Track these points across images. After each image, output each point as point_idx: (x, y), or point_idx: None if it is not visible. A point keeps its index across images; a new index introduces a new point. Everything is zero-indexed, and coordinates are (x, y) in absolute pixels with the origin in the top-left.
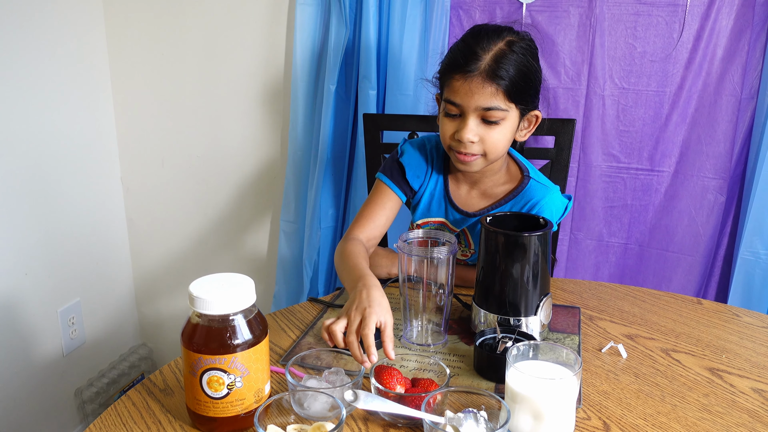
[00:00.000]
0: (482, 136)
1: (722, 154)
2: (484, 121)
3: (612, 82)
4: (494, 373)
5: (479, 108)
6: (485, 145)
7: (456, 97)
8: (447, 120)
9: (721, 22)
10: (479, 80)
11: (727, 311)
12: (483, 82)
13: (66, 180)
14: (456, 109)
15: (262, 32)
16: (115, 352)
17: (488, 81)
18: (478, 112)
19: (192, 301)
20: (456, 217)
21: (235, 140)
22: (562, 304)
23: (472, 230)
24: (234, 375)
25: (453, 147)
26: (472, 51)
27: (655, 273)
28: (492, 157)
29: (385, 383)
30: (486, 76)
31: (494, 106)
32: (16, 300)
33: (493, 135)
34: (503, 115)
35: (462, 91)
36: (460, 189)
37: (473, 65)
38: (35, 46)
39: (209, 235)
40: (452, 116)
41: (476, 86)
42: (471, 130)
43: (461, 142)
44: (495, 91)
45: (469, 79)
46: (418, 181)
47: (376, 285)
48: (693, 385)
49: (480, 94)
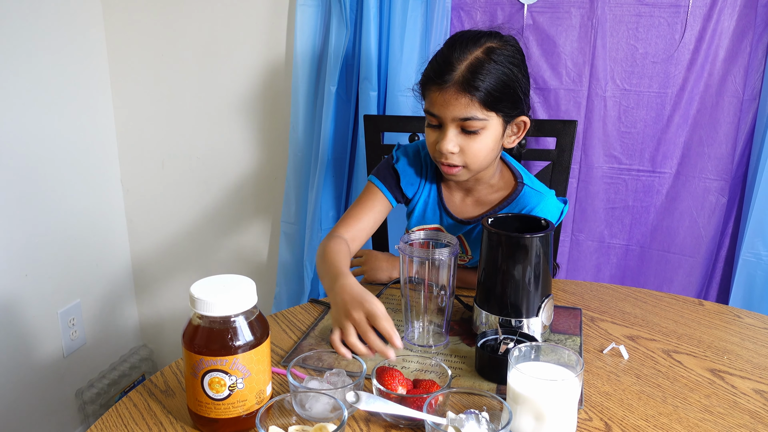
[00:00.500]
0: (462, 146)
1: (724, 156)
2: (463, 131)
3: (613, 84)
4: (496, 374)
5: (456, 119)
6: (465, 156)
7: (433, 108)
8: (430, 131)
9: (724, 23)
10: (453, 91)
11: (729, 312)
12: (457, 93)
13: (66, 182)
14: (435, 120)
15: (262, 33)
16: (116, 353)
17: (462, 92)
18: (456, 122)
19: (193, 302)
20: (450, 224)
21: (235, 142)
22: (564, 305)
23: (468, 237)
24: (235, 376)
25: (437, 158)
26: (447, 61)
27: (656, 274)
28: (474, 167)
29: (386, 384)
30: (460, 87)
31: (471, 116)
32: (17, 301)
33: (473, 145)
34: (482, 125)
35: (438, 102)
36: (454, 197)
37: (447, 76)
38: (34, 48)
39: (210, 237)
40: (434, 127)
41: (450, 97)
42: (450, 141)
43: (443, 153)
44: (470, 102)
45: (443, 90)
46: (412, 189)
47: (354, 281)
48: (694, 387)
49: (455, 105)
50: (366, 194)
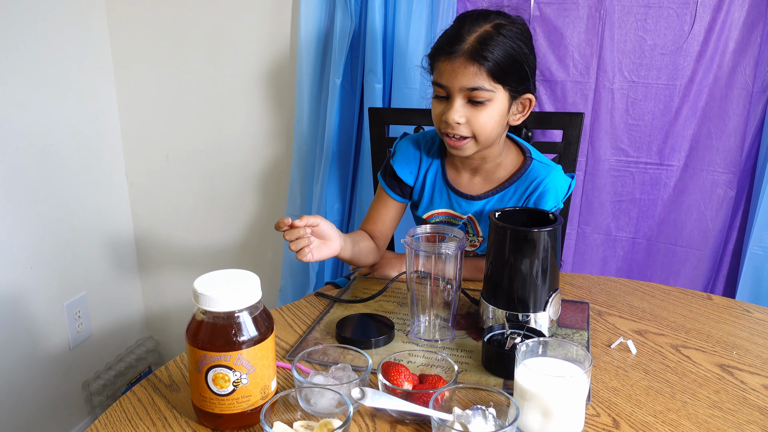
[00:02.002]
0: (469, 117)
1: (732, 148)
2: (470, 102)
3: (621, 76)
4: (503, 369)
5: (464, 88)
6: (473, 127)
7: (441, 78)
8: (436, 103)
9: (734, 14)
10: (462, 60)
11: (738, 307)
12: (466, 62)
13: (71, 175)
14: (443, 90)
15: (267, 25)
16: (122, 345)
17: (471, 61)
18: (464, 92)
19: (197, 298)
20: (460, 203)
21: (240, 134)
22: (571, 299)
23: (479, 217)
24: (240, 372)
25: (442, 129)
26: (456, 33)
27: (663, 267)
28: (482, 139)
29: (392, 380)
30: (469, 56)
31: (478, 86)
32: (23, 294)
33: (480, 116)
34: (489, 96)
35: (446, 71)
36: (462, 177)
37: (456, 46)
38: (38, 41)
39: (214, 229)
40: (441, 98)
41: (459, 66)
42: (457, 111)
43: (449, 124)
44: (478, 71)
45: (452, 60)
46: (411, 177)
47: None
48: (703, 382)
49: (463, 74)
50: (378, 193)
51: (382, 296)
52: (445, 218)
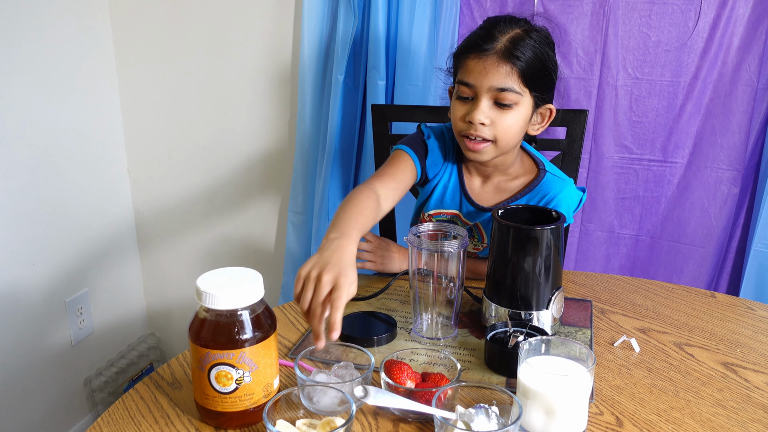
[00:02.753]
0: (494, 119)
1: (736, 145)
2: (496, 104)
3: (625, 72)
4: (505, 368)
5: (493, 88)
6: (496, 130)
7: (470, 77)
8: (458, 103)
9: (738, 10)
10: (494, 59)
11: (741, 305)
12: (498, 60)
13: (73, 171)
14: (469, 90)
15: (269, 22)
16: (124, 341)
17: (504, 60)
18: (492, 93)
19: (199, 295)
20: (470, 210)
21: (242, 131)
22: (574, 297)
23: (486, 224)
24: (242, 370)
25: (463, 131)
26: (488, 33)
27: (666, 265)
28: (503, 144)
29: (395, 378)
30: (501, 55)
31: (508, 87)
32: (24, 291)
33: (505, 119)
34: (516, 99)
35: (476, 70)
36: (473, 183)
37: (490, 44)
38: (41, 38)
39: (216, 226)
40: (464, 99)
41: (491, 65)
42: (483, 112)
43: (472, 125)
44: (510, 71)
45: (484, 58)
46: (434, 169)
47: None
48: (707, 380)
49: (495, 73)
50: (396, 159)
51: (385, 294)
52: (452, 218)
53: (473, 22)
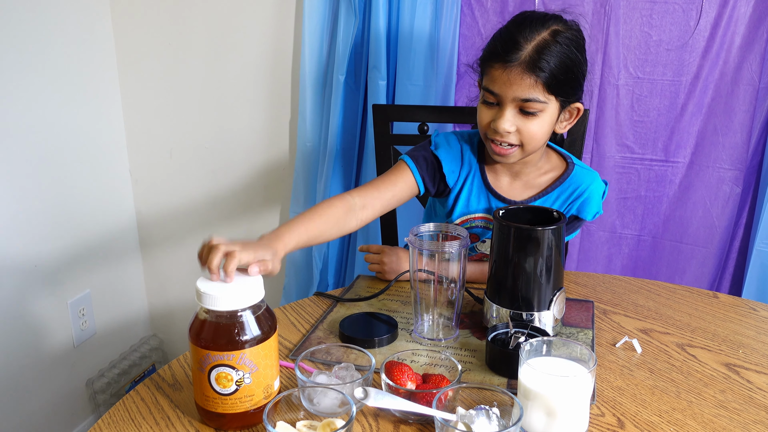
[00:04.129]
0: (519, 126)
1: (738, 145)
2: (521, 112)
3: (626, 72)
4: (506, 369)
5: (517, 99)
6: (522, 136)
7: (494, 86)
8: (484, 108)
9: (740, 9)
10: (519, 71)
11: (744, 305)
12: (522, 72)
13: (74, 172)
14: (493, 98)
15: (271, 22)
16: (126, 343)
17: (528, 72)
18: (516, 102)
19: (199, 296)
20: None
21: (243, 131)
22: (576, 297)
23: None
24: (242, 371)
25: (489, 136)
26: (513, 40)
27: (668, 265)
28: (529, 149)
29: (395, 379)
30: (526, 67)
31: (533, 97)
32: (27, 292)
33: (530, 126)
34: (542, 107)
35: (500, 80)
36: (501, 181)
37: (514, 55)
38: (42, 38)
39: (218, 227)
40: (490, 104)
41: (515, 77)
42: (507, 121)
43: (497, 132)
44: (534, 83)
45: (508, 69)
46: (453, 176)
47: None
48: (709, 381)
49: (519, 85)
50: (393, 170)
51: (386, 295)
52: (482, 223)
53: (474, 21)
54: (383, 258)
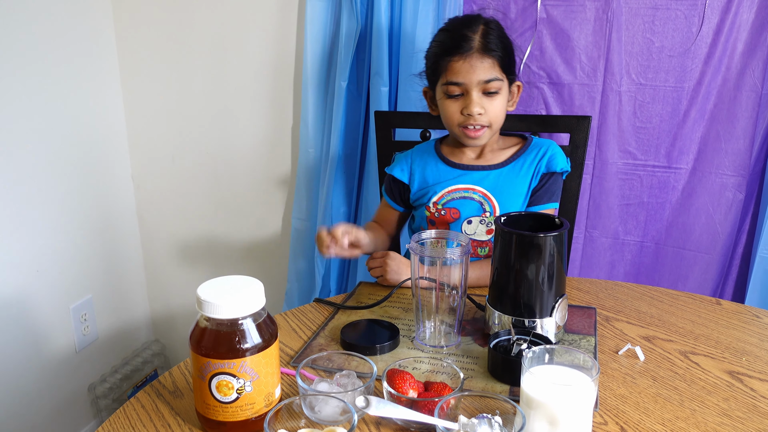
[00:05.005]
0: (486, 107)
1: (741, 151)
2: (485, 94)
3: (629, 78)
4: (509, 376)
5: (481, 82)
6: (490, 116)
7: (458, 76)
8: (450, 102)
9: (742, 15)
10: (477, 56)
11: (747, 312)
12: (480, 57)
13: (77, 178)
14: (458, 88)
15: (273, 28)
16: (128, 348)
17: (485, 55)
18: (480, 86)
19: (200, 305)
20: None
21: (245, 137)
22: (578, 304)
23: (494, 190)
24: (243, 379)
25: (461, 124)
26: (462, 34)
27: (671, 271)
28: (496, 126)
29: (397, 387)
30: (482, 52)
31: (493, 77)
32: (29, 297)
33: (494, 105)
34: (500, 86)
35: (463, 69)
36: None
37: (468, 44)
38: (44, 44)
39: (220, 232)
40: (454, 97)
41: (476, 62)
42: (476, 104)
43: (470, 116)
44: (492, 65)
45: (468, 58)
46: (405, 174)
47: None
48: (712, 389)
49: (480, 68)
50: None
51: (388, 302)
52: (458, 195)
53: None
54: (386, 260)
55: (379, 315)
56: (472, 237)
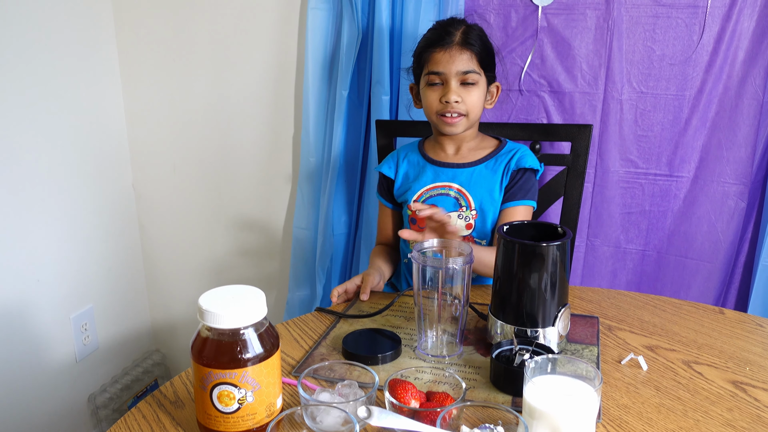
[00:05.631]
0: (463, 96)
1: (743, 159)
2: (463, 85)
3: (630, 86)
4: (511, 386)
5: (459, 72)
6: (467, 105)
7: (438, 66)
8: (431, 90)
9: (743, 24)
10: (457, 48)
11: (750, 321)
12: (460, 49)
13: (78, 187)
14: (438, 78)
15: (274, 37)
16: (128, 357)
17: (464, 48)
18: (459, 76)
19: (201, 314)
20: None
21: (246, 146)
22: (581, 313)
23: (469, 185)
24: (245, 389)
25: (440, 111)
26: (445, 30)
27: (673, 280)
28: (472, 116)
29: (399, 397)
30: (461, 45)
31: (471, 69)
32: (29, 307)
33: (471, 95)
34: (477, 78)
35: (443, 60)
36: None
37: (449, 38)
38: (46, 53)
39: (221, 242)
40: (435, 85)
41: (455, 53)
42: (454, 92)
43: (448, 104)
44: (470, 58)
45: (448, 50)
46: (391, 170)
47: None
48: (716, 399)
49: (459, 59)
50: (379, 209)
51: (389, 310)
52: (435, 192)
53: None
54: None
55: (380, 324)
56: None
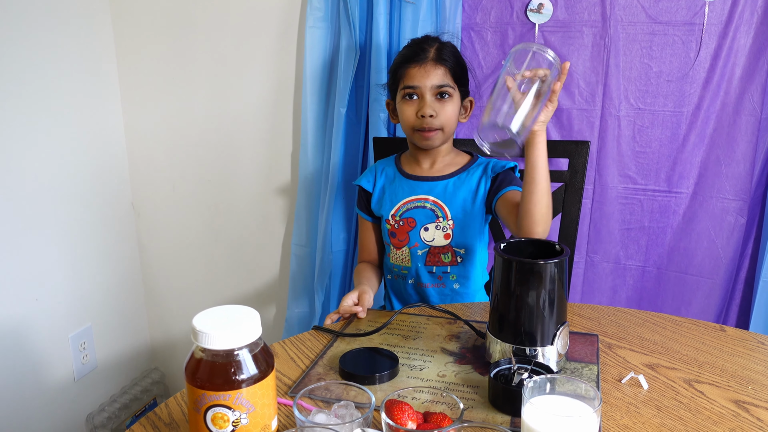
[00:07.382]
0: (438, 110)
1: (742, 175)
2: (437, 98)
3: (627, 103)
4: (510, 406)
5: (434, 86)
6: (441, 119)
7: (414, 80)
8: (407, 105)
9: (740, 40)
10: (431, 64)
11: (752, 339)
12: (434, 65)
13: (77, 205)
14: (414, 91)
15: (272, 56)
16: (127, 376)
17: (438, 64)
18: (433, 90)
19: (195, 335)
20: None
21: (245, 164)
22: (580, 331)
23: (444, 197)
24: (239, 411)
25: (416, 126)
26: (420, 47)
27: (673, 297)
28: (447, 130)
29: (396, 418)
30: (436, 61)
31: (445, 83)
32: (28, 326)
33: (446, 109)
34: (451, 92)
35: (419, 75)
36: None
37: (424, 54)
38: (47, 74)
39: (220, 260)
40: (411, 99)
41: (430, 68)
42: (430, 106)
43: (424, 118)
44: (444, 72)
45: (423, 65)
46: (369, 184)
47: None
48: (718, 419)
49: (434, 74)
50: (359, 224)
51: (387, 329)
52: (412, 205)
53: (474, 54)
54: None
55: (378, 343)
56: (431, 244)
